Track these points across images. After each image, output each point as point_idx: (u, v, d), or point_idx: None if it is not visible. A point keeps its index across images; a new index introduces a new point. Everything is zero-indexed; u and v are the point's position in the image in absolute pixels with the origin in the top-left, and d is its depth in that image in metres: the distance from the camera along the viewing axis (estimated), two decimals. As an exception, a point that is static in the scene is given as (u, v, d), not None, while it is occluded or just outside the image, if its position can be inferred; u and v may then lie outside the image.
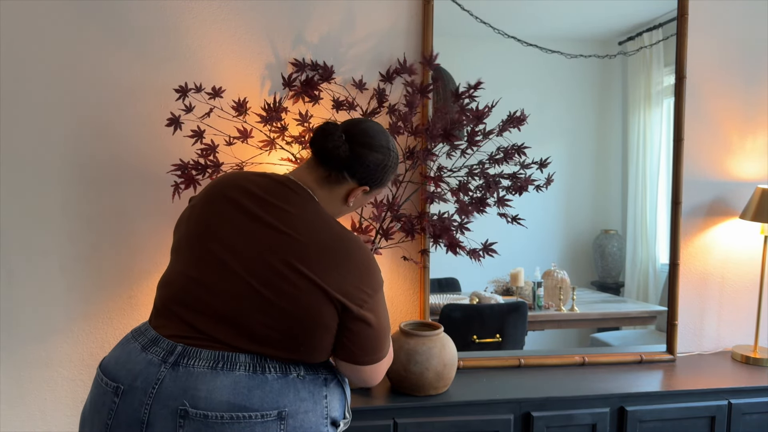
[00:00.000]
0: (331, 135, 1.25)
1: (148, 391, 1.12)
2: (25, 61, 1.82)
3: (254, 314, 1.14)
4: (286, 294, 1.14)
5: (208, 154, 1.76)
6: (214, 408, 1.10)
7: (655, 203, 2.26)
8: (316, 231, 1.19)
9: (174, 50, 1.89)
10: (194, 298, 1.18)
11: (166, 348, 1.16)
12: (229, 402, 1.10)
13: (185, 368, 1.13)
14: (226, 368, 1.13)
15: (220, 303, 1.16)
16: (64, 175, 1.87)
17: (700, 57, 2.18)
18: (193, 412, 1.09)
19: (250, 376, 1.14)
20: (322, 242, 1.18)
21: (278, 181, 1.25)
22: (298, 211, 1.21)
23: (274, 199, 1.21)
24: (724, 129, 2.24)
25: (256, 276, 1.15)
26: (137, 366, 1.16)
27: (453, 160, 1.87)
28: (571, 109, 2.25)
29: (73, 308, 1.90)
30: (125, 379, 1.15)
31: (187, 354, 1.14)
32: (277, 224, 1.18)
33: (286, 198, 1.22)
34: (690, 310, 2.25)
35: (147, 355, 1.16)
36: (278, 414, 1.13)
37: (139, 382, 1.13)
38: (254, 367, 1.15)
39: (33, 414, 1.90)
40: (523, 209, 1.85)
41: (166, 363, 1.14)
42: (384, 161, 1.29)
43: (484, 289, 2.17)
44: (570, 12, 2.16)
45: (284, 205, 1.20)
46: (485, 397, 1.78)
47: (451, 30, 2.02)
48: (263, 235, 1.17)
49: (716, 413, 1.87)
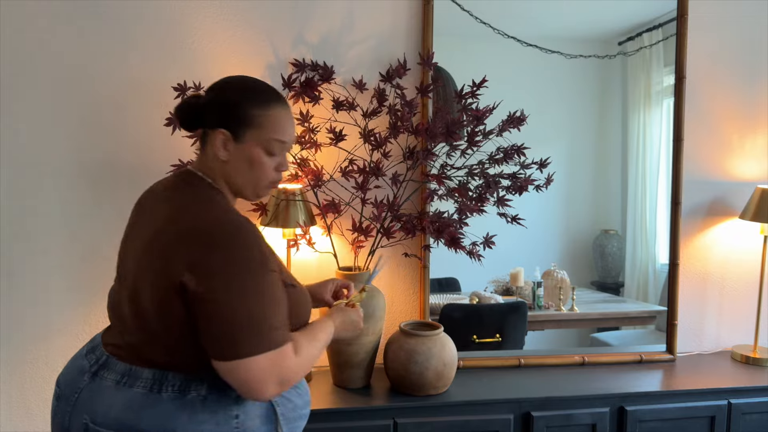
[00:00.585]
0: (184, 102, 1.20)
1: (71, 400, 1.14)
2: (26, 60, 1.82)
3: (131, 326, 1.13)
4: (140, 293, 1.10)
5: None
6: (108, 425, 1.08)
7: (655, 203, 2.26)
8: (159, 217, 1.13)
9: (174, 50, 1.89)
10: (117, 310, 1.19)
11: (98, 356, 1.17)
12: (120, 421, 1.08)
13: (99, 380, 1.13)
14: (128, 384, 1.11)
15: (119, 315, 1.17)
16: (64, 175, 1.87)
17: (700, 57, 2.18)
18: (93, 427, 1.09)
19: (145, 394, 1.09)
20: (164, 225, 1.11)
21: (175, 175, 1.24)
22: (151, 202, 1.21)
23: (149, 202, 1.22)
24: (723, 129, 2.24)
25: (126, 282, 1.15)
26: (71, 372, 1.19)
27: (453, 160, 1.87)
28: (571, 109, 2.25)
29: (73, 308, 1.90)
30: (62, 383, 1.19)
31: (107, 365, 1.15)
32: (137, 221, 1.21)
33: (175, 187, 1.20)
34: (690, 310, 2.25)
35: (82, 362, 1.18)
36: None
37: (67, 390, 1.16)
38: (152, 384, 1.10)
39: (34, 414, 1.90)
40: (523, 209, 1.85)
41: (89, 372, 1.15)
42: (227, 95, 1.18)
43: (484, 289, 2.17)
44: (570, 12, 2.16)
45: (154, 205, 1.20)
46: (485, 397, 1.78)
47: (451, 30, 2.02)
48: (131, 245, 1.18)
49: (716, 413, 1.87)
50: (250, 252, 1.07)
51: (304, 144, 1.86)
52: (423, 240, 2.00)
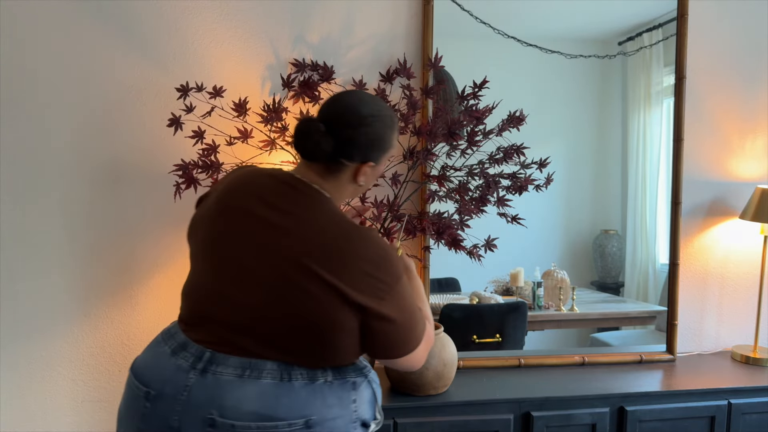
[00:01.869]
0: (308, 134, 1.18)
1: (178, 398, 1.12)
2: (27, 61, 1.82)
3: (273, 323, 1.13)
4: (301, 301, 1.11)
5: (209, 154, 1.76)
6: (241, 418, 1.09)
7: (655, 203, 2.26)
8: (325, 232, 1.15)
9: (175, 50, 1.89)
10: (217, 309, 1.16)
11: (195, 353, 1.15)
12: (256, 412, 1.09)
13: (213, 375, 1.12)
14: (253, 376, 1.12)
15: (240, 313, 1.15)
16: (64, 175, 1.87)
17: (700, 57, 2.18)
18: (221, 421, 1.09)
19: (277, 384, 1.12)
20: (333, 242, 1.14)
21: (286, 183, 1.21)
22: (307, 213, 1.17)
23: (283, 203, 1.18)
24: (724, 129, 2.24)
25: (271, 285, 1.13)
26: (166, 371, 1.15)
27: (453, 160, 1.87)
28: (571, 109, 2.25)
29: (73, 308, 1.90)
30: (155, 384, 1.15)
31: (216, 360, 1.13)
32: (288, 229, 1.15)
33: (295, 200, 1.19)
34: (690, 310, 2.25)
35: (176, 360, 1.15)
36: (305, 423, 1.12)
37: (169, 388, 1.13)
38: (281, 374, 1.13)
39: (33, 414, 1.90)
40: (524, 209, 1.85)
41: (194, 369, 1.13)
42: (376, 131, 1.21)
43: (484, 289, 2.17)
44: (570, 12, 2.16)
45: (293, 209, 1.17)
46: (485, 397, 1.78)
47: (451, 30, 2.02)
48: (276, 242, 1.15)
49: (716, 413, 1.87)
50: (398, 258, 1.22)
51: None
52: (423, 241, 2.00)
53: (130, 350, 1.94)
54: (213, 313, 1.17)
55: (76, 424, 1.92)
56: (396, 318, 1.15)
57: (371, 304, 1.12)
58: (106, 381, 1.94)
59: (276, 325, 1.13)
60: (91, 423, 1.93)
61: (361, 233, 1.18)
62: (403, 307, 1.18)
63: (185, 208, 1.90)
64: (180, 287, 1.26)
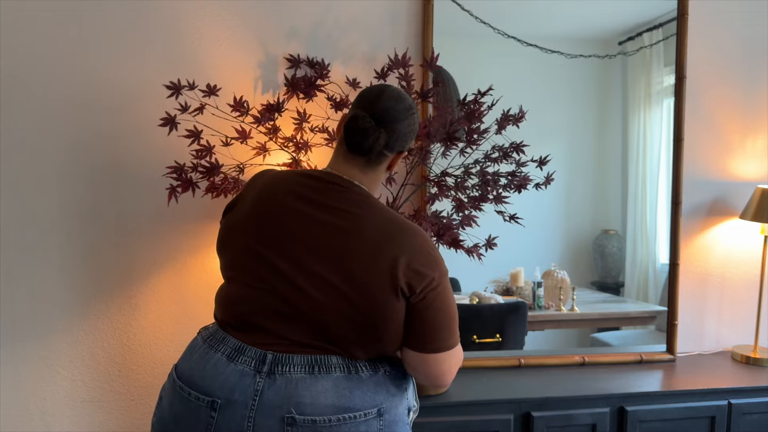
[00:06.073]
0: (366, 132, 1.22)
1: (249, 404, 1.12)
2: (24, 61, 1.82)
3: (336, 320, 1.15)
4: (366, 297, 1.14)
5: (204, 155, 1.73)
6: (321, 412, 1.11)
7: (655, 203, 2.26)
8: (383, 228, 1.19)
9: (173, 50, 1.89)
10: (274, 309, 1.17)
11: (255, 357, 1.15)
12: (334, 405, 1.12)
13: (282, 376, 1.13)
14: (323, 371, 1.14)
15: (301, 310, 1.15)
16: (64, 175, 1.87)
17: (700, 57, 2.18)
18: (301, 419, 1.10)
19: (347, 377, 1.16)
20: (388, 236, 1.17)
21: (328, 182, 1.23)
22: (361, 210, 1.20)
23: (331, 201, 1.20)
24: (724, 129, 2.23)
25: (335, 284, 1.14)
26: (230, 378, 1.14)
27: (449, 158, 1.87)
28: (571, 109, 2.25)
29: (72, 308, 1.90)
30: (220, 392, 1.14)
31: (280, 361, 1.14)
32: (346, 229, 1.17)
33: (342, 198, 1.21)
34: (690, 310, 2.25)
35: (236, 366, 1.15)
36: (378, 411, 1.17)
37: (237, 395, 1.13)
38: (347, 368, 1.17)
39: (33, 414, 1.90)
40: (523, 209, 1.84)
41: (260, 373, 1.13)
42: (411, 123, 1.28)
43: (484, 289, 2.16)
44: (570, 12, 2.16)
45: (343, 206, 1.20)
46: (485, 397, 1.77)
47: (451, 30, 2.02)
48: (334, 242, 1.16)
49: (716, 413, 1.87)
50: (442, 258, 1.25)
51: (303, 146, 1.85)
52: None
53: (130, 350, 1.94)
54: (269, 313, 1.17)
55: (76, 424, 1.92)
56: (441, 308, 1.19)
57: (420, 292, 1.16)
58: (105, 381, 1.94)
59: (339, 321, 1.15)
60: (91, 423, 1.93)
61: (413, 227, 1.23)
62: (447, 301, 1.21)
63: (185, 208, 1.90)
64: (180, 287, 1.26)
